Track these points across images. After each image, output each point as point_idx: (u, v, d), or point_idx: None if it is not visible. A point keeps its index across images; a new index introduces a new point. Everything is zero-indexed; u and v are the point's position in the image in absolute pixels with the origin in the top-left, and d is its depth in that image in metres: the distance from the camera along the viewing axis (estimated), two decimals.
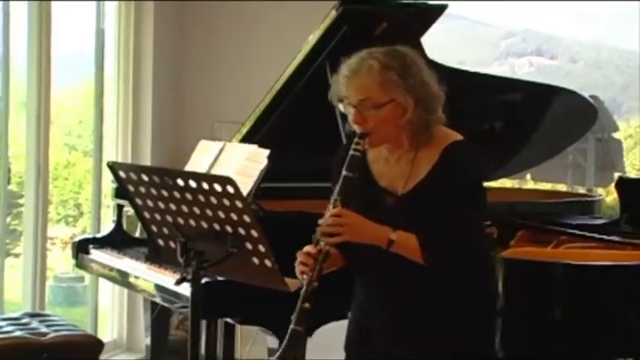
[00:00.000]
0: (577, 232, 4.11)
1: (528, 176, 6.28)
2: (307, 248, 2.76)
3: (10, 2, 5.22)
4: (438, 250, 2.74)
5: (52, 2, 5.37)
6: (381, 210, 2.79)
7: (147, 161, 6.15)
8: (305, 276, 2.73)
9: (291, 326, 2.69)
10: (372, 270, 2.88)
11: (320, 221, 2.75)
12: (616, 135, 6.55)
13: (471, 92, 4.30)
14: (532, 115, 4.86)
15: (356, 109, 2.77)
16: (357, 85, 2.75)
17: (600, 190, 6.41)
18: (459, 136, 2.84)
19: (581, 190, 6.50)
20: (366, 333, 2.97)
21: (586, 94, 5.10)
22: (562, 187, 6.58)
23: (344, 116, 2.88)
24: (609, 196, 6.40)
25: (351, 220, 2.73)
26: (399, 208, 2.81)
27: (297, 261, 2.76)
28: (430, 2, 4.18)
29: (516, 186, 6.10)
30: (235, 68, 6.36)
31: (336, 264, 2.90)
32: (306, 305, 2.70)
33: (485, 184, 4.68)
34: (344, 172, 2.77)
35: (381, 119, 2.76)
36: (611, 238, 4.05)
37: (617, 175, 6.21)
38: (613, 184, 4.60)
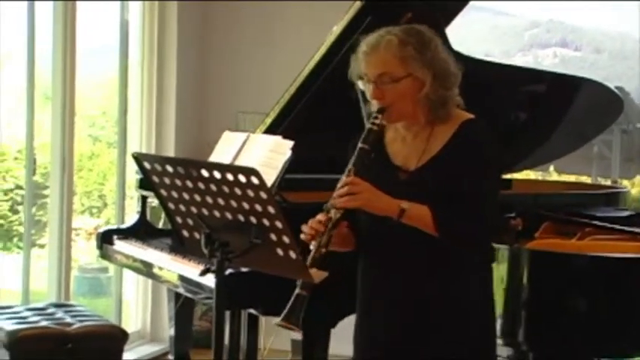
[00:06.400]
0: (602, 224, 4.09)
1: (552, 168, 6.24)
2: (318, 216, 2.79)
3: None
4: (450, 219, 2.75)
5: None
6: (393, 186, 2.81)
7: (170, 152, 6.17)
8: (314, 242, 2.76)
9: (297, 290, 2.72)
10: (381, 251, 2.89)
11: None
12: None
13: (495, 83, 4.28)
14: (557, 107, 4.83)
15: (374, 84, 2.82)
16: (376, 60, 2.81)
17: (625, 182, 6.36)
18: (474, 116, 2.88)
19: (606, 182, 6.45)
20: (370, 328, 2.97)
21: (611, 85, 5.06)
22: (586, 179, 6.53)
23: (365, 99, 2.89)
24: (635, 188, 6.35)
25: (363, 187, 2.76)
26: (411, 182, 2.83)
27: (306, 227, 2.79)
28: None
29: (540, 178, 6.07)
30: (259, 59, 6.36)
31: (347, 243, 2.91)
32: (313, 270, 2.72)
33: (510, 175, 4.70)
34: (359, 144, 2.81)
35: (399, 93, 2.80)
36: (637, 230, 4.03)
37: None
38: (639, 176, 4.57)
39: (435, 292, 2.82)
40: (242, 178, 2.64)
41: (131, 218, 4.88)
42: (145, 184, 4.45)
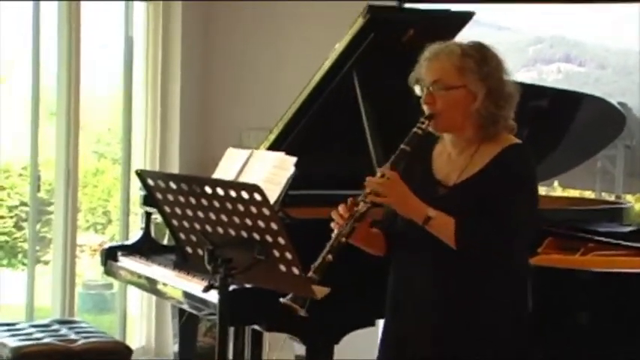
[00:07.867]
0: (605, 239, 4.08)
1: (556, 183, 6.24)
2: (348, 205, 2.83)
3: (41, 7, 5.25)
4: (470, 233, 2.76)
5: (82, 6, 5.41)
6: (431, 200, 2.82)
7: (175, 169, 6.17)
8: (336, 230, 2.80)
9: (310, 274, 2.73)
10: (412, 253, 2.91)
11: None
12: None
13: None
14: (560, 122, 4.84)
15: (427, 90, 2.85)
16: (435, 66, 2.85)
17: (629, 198, 6.36)
18: (520, 142, 2.92)
19: (610, 197, 6.45)
20: (398, 329, 2.98)
21: (614, 101, 5.07)
22: (590, 194, 6.53)
23: (420, 106, 2.91)
24: (638, 203, 6.35)
25: (397, 184, 2.79)
26: (447, 197, 2.85)
27: (335, 214, 2.83)
28: (457, 10, 4.17)
29: (543, 193, 6.07)
30: (263, 75, 6.37)
31: (375, 246, 2.97)
32: (329, 257, 2.76)
33: None
34: (401, 145, 2.85)
35: (450, 102, 2.83)
36: None
37: None
38: None
39: (465, 295, 2.84)
40: (245, 195, 2.64)
41: (135, 235, 4.88)
42: (149, 200, 4.46)
